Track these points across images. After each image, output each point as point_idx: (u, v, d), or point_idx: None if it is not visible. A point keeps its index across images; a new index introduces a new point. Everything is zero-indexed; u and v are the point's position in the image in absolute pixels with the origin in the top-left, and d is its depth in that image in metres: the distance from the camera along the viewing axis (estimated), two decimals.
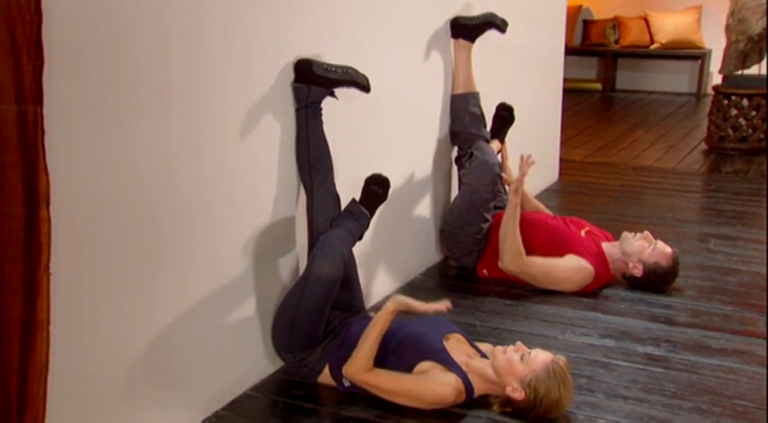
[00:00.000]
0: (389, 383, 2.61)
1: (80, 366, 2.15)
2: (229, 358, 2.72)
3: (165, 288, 2.41)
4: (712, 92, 6.84)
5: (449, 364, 2.63)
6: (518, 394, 2.55)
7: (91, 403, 2.21)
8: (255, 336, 2.82)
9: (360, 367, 2.62)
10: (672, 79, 9.95)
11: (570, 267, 3.64)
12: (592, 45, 10.05)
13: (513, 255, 3.63)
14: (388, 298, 3.55)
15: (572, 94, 8.84)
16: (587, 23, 10.11)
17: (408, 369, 2.64)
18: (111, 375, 2.26)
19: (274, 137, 2.79)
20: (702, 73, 9.57)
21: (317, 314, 2.67)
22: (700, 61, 9.57)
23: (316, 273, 2.65)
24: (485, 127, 4.00)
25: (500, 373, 2.61)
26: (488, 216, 3.77)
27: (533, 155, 3.64)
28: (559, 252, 3.69)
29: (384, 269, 3.58)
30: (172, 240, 2.40)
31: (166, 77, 2.30)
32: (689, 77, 9.85)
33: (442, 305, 2.65)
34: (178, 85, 2.34)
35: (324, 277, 2.65)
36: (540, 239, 3.74)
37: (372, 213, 2.97)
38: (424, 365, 2.63)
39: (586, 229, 3.87)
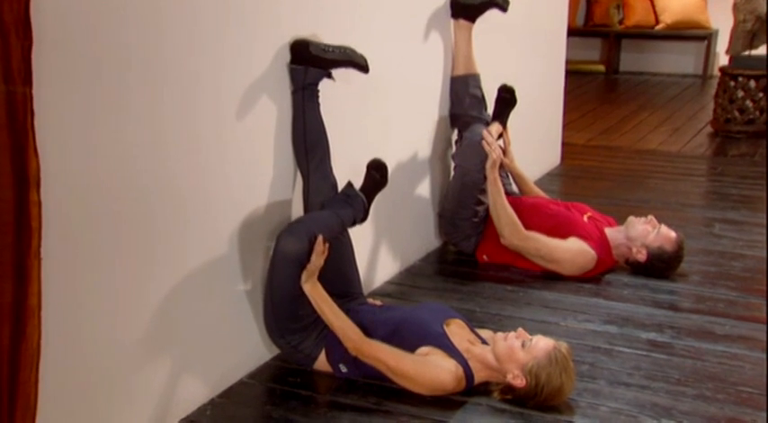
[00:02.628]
0: (392, 360, 2.61)
1: (72, 353, 2.15)
2: (225, 345, 2.72)
3: (159, 274, 2.41)
4: (719, 73, 6.82)
5: (449, 349, 2.64)
6: (519, 381, 2.56)
7: (83, 391, 2.21)
8: (251, 322, 2.82)
9: (354, 340, 2.63)
10: (677, 60, 9.92)
11: (573, 249, 3.65)
12: (595, 26, 10.01)
13: (510, 228, 3.65)
14: (386, 284, 3.59)
15: (574, 76, 8.81)
16: (590, 3, 10.07)
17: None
18: (104, 363, 2.26)
19: (270, 120, 2.79)
20: (709, 54, 9.54)
21: (292, 293, 2.65)
22: (706, 42, 9.54)
23: (280, 250, 2.63)
24: (485, 110, 3.99)
25: (501, 360, 2.61)
26: (483, 198, 3.76)
27: (534, 138, 3.65)
28: (562, 237, 3.69)
29: (382, 255, 3.59)
30: (165, 224, 2.40)
31: (159, 58, 2.29)
32: (695, 58, 9.82)
33: (322, 246, 2.63)
34: (171, 66, 2.33)
35: (288, 254, 2.62)
36: (542, 225, 3.74)
37: (370, 199, 2.97)
38: (424, 350, 2.64)
39: (588, 214, 3.88)
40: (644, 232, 3.68)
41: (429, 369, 2.60)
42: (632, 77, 9.75)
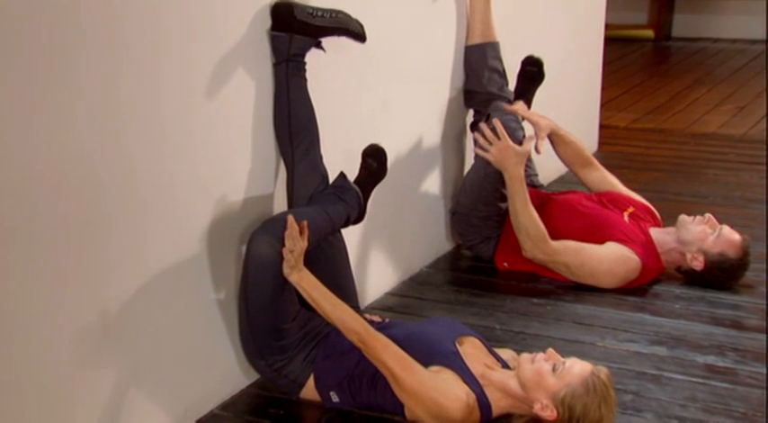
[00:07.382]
0: (398, 366, 2.61)
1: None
2: (192, 369, 2.75)
3: (112, 280, 2.43)
4: None
5: (463, 371, 2.66)
6: (549, 413, 2.57)
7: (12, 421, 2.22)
8: (224, 341, 2.85)
9: (358, 332, 2.63)
10: (744, 23, 9.89)
11: (610, 258, 3.66)
12: None
13: (534, 240, 3.65)
14: (387, 295, 3.62)
15: (616, 43, 8.80)
16: None
17: None
18: (39, 387, 2.26)
19: (247, 98, 2.82)
20: None
21: (272, 304, 2.68)
22: None
23: (253, 254, 2.65)
24: (507, 85, 4.02)
25: (526, 387, 2.63)
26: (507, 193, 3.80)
27: (566, 120, 3.65)
28: (598, 241, 3.71)
29: (382, 261, 3.62)
30: (121, 222, 2.42)
31: (116, 23, 2.31)
32: (766, 20, 9.82)
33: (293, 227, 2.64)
34: (130, 33, 2.36)
35: (262, 257, 2.64)
36: (573, 227, 3.77)
37: (367, 193, 3.02)
38: (434, 369, 2.66)
39: (630, 210, 3.89)
40: (701, 235, 3.67)
41: (438, 388, 2.61)
42: (687, 45, 9.74)
